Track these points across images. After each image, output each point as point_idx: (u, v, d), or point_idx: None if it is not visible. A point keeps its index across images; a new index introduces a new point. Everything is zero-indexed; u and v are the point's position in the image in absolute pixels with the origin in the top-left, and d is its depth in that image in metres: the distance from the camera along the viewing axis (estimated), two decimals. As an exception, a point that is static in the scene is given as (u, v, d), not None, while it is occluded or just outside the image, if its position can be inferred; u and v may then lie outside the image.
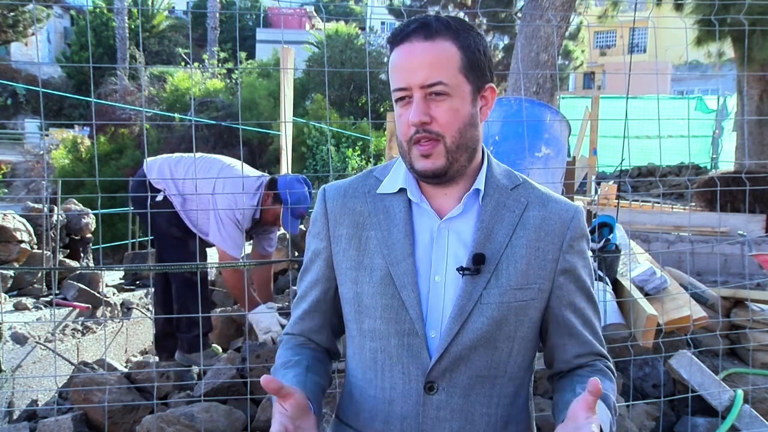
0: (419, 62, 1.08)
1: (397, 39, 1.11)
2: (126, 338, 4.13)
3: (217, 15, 24.29)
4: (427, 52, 1.08)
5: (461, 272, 1.12)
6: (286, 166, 5.83)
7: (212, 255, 4.58)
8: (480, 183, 1.17)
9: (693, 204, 8.30)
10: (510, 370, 1.17)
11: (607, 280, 3.15)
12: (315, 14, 31.20)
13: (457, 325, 1.12)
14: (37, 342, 3.34)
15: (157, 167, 3.46)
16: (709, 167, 13.33)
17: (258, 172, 3.61)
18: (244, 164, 3.47)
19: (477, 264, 1.12)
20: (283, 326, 3.23)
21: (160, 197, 3.36)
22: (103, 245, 3.55)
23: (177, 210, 3.40)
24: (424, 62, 1.08)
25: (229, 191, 3.26)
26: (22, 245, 3.98)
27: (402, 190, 1.20)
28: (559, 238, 1.17)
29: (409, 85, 1.09)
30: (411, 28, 1.10)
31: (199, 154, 3.61)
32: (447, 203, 1.18)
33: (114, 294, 4.36)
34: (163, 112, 15.14)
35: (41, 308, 3.71)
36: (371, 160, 8.79)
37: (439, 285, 1.15)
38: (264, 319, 3.29)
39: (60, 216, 4.52)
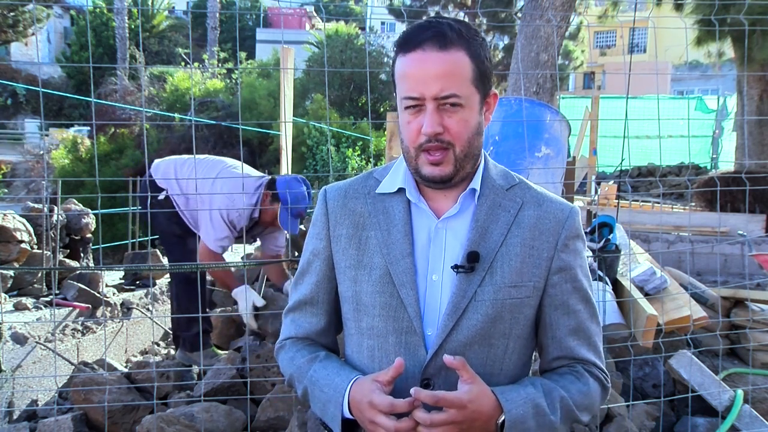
0: (434, 73, 1.08)
1: (409, 45, 1.10)
2: (126, 338, 4.13)
3: (217, 15, 24.28)
4: (442, 63, 1.08)
5: (456, 270, 1.14)
6: (286, 166, 5.83)
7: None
8: (476, 183, 1.18)
9: (693, 204, 8.30)
10: (506, 367, 1.18)
11: (607, 280, 3.15)
12: (315, 14, 31.20)
13: (451, 322, 1.13)
14: (37, 342, 3.34)
15: (163, 167, 3.53)
16: (709, 167, 13.33)
17: (259, 173, 3.64)
18: (245, 165, 3.49)
19: (471, 262, 1.14)
20: (257, 306, 3.35)
21: (161, 196, 3.42)
22: (103, 245, 3.56)
23: (178, 210, 3.43)
24: (439, 73, 1.08)
25: (228, 191, 3.29)
26: (22, 245, 3.98)
27: (401, 190, 1.21)
28: (554, 237, 1.18)
29: (423, 95, 1.09)
30: (425, 36, 1.08)
31: (203, 156, 3.67)
32: (444, 203, 1.19)
33: (114, 294, 4.36)
34: (163, 112, 15.13)
35: (41, 308, 3.71)
36: (371, 160, 8.79)
37: (436, 283, 1.16)
38: (241, 300, 3.37)
39: (60, 216, 4.52)
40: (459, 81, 1.09)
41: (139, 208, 4.29)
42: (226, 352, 3.51)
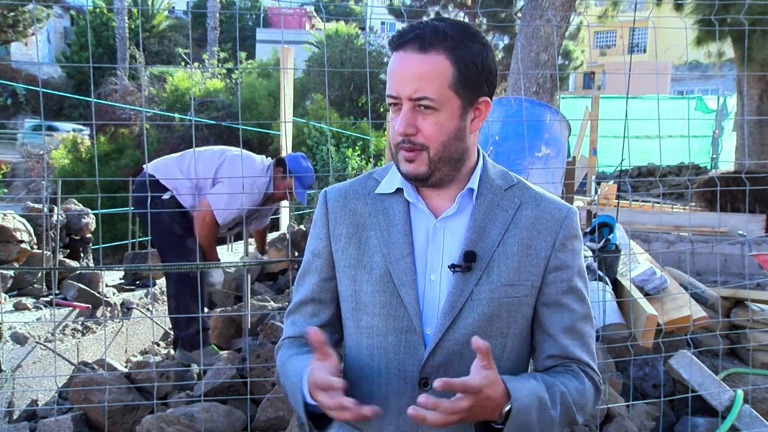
0: (410, 74, 1.09)
1: (394, 45, 1.13)
2: (126, 338, 4.13)
3: (217, 15, 24.28)
4: (418, 65, 1.09)
5: (453, 269, 1.14)
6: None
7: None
8: (474, 183, 1.19)
9: (693, 204, 8.31)
10: (504, 366, 1.18)
11: (607, 280, 3.15)
12: (315, 14, 31.21)
13: (448, 321, 1.13)
14: (37, 342, 3.34)
15: (163, 167, 3.57)
16: (709, 167, 13.33)
17: (260, 156, 3.87)
18: (247, 151, 3.72)
19: (468, 261, 1.14)
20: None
21: (166, 196, 3.47)
22: (103, 245, 3.57)
23: (186, 208, 3.50)
24: (414, 75, 1.09)
25: (247, 171, 3.51)
26: (22, 245, 3.98)
27: (399, 190, 1.22)
28: (552, 236, 1.19)
29: (399, 94, 1.11)
30: (407, 38, 1.11)
31: (202, 149, 3.75)
32: (442, 203, 1.20)
33: (114, 294, 4.36)
34: (163, 112, 15.13)
35: (41, 308, 3.71)
36: (371, 160, 8.79)
37: (434, 283, 1.17)
38: (215, 275, 3.67)
39: (60, 216, 4.51)
40: (434, 84, 1.09)
41: (133, 207, 4.32)
42: (227, 351, 3.51)
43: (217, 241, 3.78)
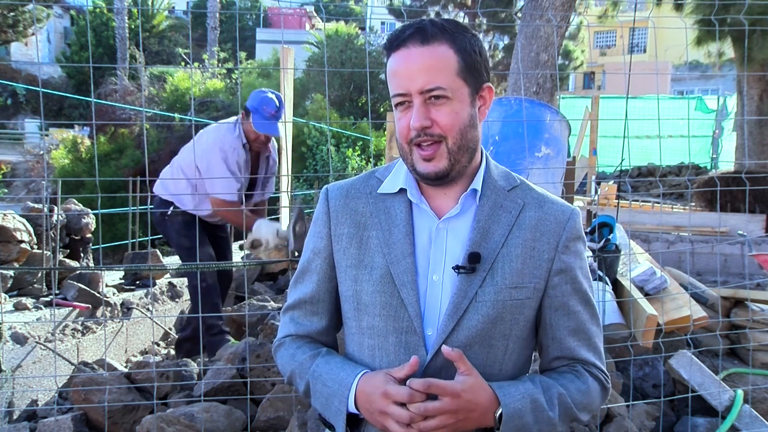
0: (417, 68, 1.09)
1: (393, 45, 1.12)
2: (126, 338, 4.13)
3: (217, 15, 24.28)
4: (424, 57, 1.09)
5: (457, 271, 1.14)
6: (286, 166, 5.83)
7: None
8: (477, 183, 1.19)
9: (693, 204, 8.31)
10: (505, 368, 1.18)
11: (607, 280, 3.15)
12: (315, 14, 31.21)
13: (452, 323, 1.13)
14: (37, 342, 3.34)
15: (161, 184, 3.69)
16: (709, 167, 13.34)
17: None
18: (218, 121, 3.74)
19: (472, 263, 1.14)
20: (281, 233, 3.53)
21: (170, 211, 3.59)
22: (103, 245, 3.58)
23: (193, 211, 3.56)
24: (422, 67, 1.09)
25: (212, 139, 3.51)
26: (22, 245, 3.97)
27: (402, 191, 1.21)
28: (555, 238, 1.18)
29: (409, 90, 1.11)
30: (407, 34, 1.11)
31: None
32: (446, 203, 1.20)
33: (114, 294, 4.36)
34: (163, 112, 15.13)
35: (41, 308, 3.71)
36: (371, 160, 8.79)
37: (436, 284, 1.16)
38: (265, 227, 3.53)
39: (60, 216, 4.51)
40: (443, 73, 1.10)
41: (139, 207, 4.39)
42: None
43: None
